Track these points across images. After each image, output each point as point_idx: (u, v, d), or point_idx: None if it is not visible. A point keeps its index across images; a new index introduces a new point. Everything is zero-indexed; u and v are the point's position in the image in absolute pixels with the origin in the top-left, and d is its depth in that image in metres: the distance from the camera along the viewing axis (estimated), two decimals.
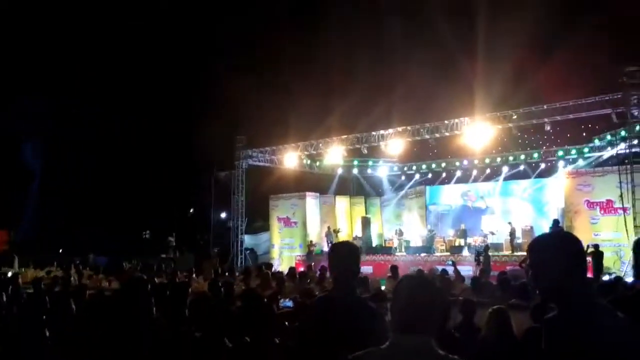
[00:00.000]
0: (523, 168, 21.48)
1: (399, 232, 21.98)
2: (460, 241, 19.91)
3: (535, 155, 21.10)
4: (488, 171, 22.33)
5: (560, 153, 20.31)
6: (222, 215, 27.09)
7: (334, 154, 20.61)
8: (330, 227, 22.25)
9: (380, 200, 25.63)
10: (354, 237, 22.78)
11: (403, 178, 24.96)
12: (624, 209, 15.30)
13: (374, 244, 22.28)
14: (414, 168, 24.33)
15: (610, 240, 15.98)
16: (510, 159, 21.60)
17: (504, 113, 16.86)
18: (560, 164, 20.44)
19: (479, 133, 17.29)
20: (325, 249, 20.21)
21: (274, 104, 22.57)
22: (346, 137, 19.90)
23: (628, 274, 13.47)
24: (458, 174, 23.23)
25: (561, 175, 19.60)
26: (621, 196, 15.30)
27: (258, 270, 10.41)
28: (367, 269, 18.16)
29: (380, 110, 19.61)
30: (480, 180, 22.64)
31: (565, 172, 19.28)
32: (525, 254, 14.36)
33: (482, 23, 17.89)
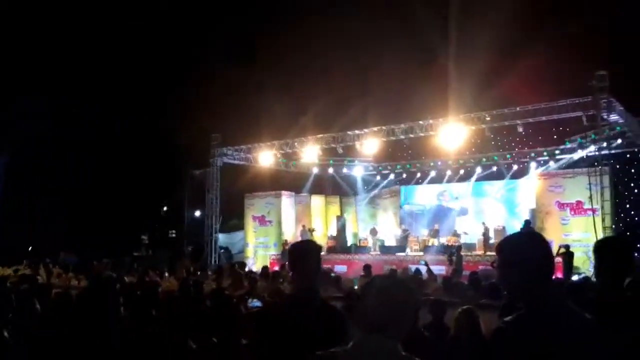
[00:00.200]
0: (496, 169, 21.75)
1: (374, 232, 22.08)
2: (434, 241, 20.08)
3: (508, 156, 21.38)
4: (462, 172, 22.57)
5: (532, 155, 20.63)
6: (197, 213, 26.83)
7: (310, 153, 20.55)
8: (306, 226, 22.23)
9: (355, 200, 25.70)
10: (328, 236, 22.84)
11: (378, 178, 25.08)
12: (593, 210, 15.60)
13: (348, 243, 22.36)
14: (389, 168, 24.47)
15: (580, 240, 16.29)
16: (484, 160, 21.88)
17: (478, 114, 17.04)
18: (532, 166, 20.76)
19: (453, 134, 17.42)
20: None
21: (249, 102, 22.44)
22: (322, 137, 19.87)
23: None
24: (432, 175, 23.40)
25: (533, 176, 19.94)
26: (590, 197, 15.61)
27: (231, 269, 10.34)
28: (342, 268, 18.25)
29: (355, 110, 19.64)
30: (455, 181, 22.86)
31: (536, 174, 19.63)
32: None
33: (456, 25, 18.04)
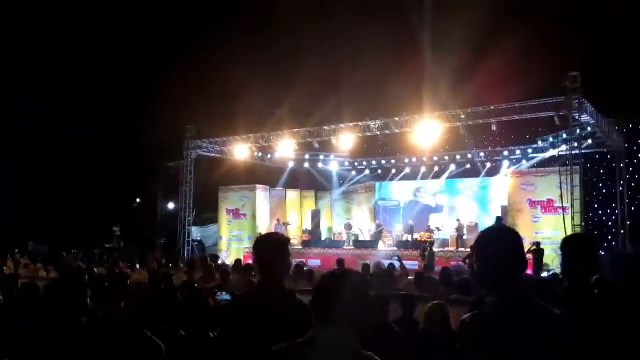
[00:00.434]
0: (470, 167, 22.01)
1: (348, 227, 22.17)
2: (408, 237, 20.25)
3: (482, 154, 21.63)
4: (436, 169, 22.78)
5: (505, 153, 20.92)
6: (171, 206, 26.56)
7: (285, 147, 20.50)
8: (280, 220, 22.21)
9: (330, 195, 25.76)
10: (303, 231, 22.86)
11: (354, 173, 25.18)
12: (564, 209, 15.90)
13: (323, 238, 22.42)
14: (364, 164, 24.59)
15: (550, 238, 16.56)
16: (458, 157, 22.11)
17: (453, 112, 17.19)
18: (505, 164, 21.05)
19: (428, 131, 17.54)
20: None
21: (225, 95, 22.20)
22: (297, 131, 19.82)
23: None
24: (407, 171, 23.56)
25: (506, 174, 20.23)
26: (561, 196, 15.91)
27: (203, 262, 10.25)
28: (316, 262, 18.33)
29: (331, 105, 19.61)
30: (430, 178, 23.06)
31: (509, 172, 19.92)
32: (469, 250, 14.76)
33: (433, 22, 18.17)
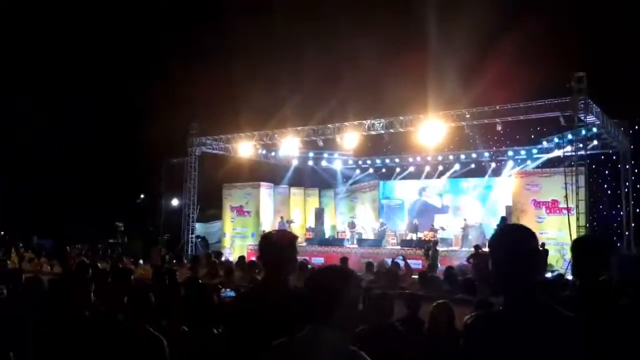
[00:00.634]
0: (474, 166, 21.93)
1: (352, 225, 22.13)
2: (412, 235, 20.20)
3: (486, 154, 21.54)
4: (440, 168, 22.69)
5: (510, 153, 20.83)
6: (175, 202, 26.58)
7: (290, 145, 20.47)
8: (284, 217, 22.20)
9: (334, 193, 25.72)
10: (307, 228, 22.84)
11: (358, 172, 25.11)
12: (569, 209, 15.82)
13: (326, 236, 22.39)
14: (369, 162, 24.51)
15: (554, 238, 16.52)
16: (462, 157, 22.03)
17: (457, 112, 17.12)
18: (510, 164, 20.97)
19: (432, 130, 17.48)
20: None
21: (229, 92, 22.18)
22: (302, 129, 19.77)
23: (569, 272, 13.94)
24: (411, 170, 23.50)
25: (510, 174, 20.14)
26: (566, 197, 15.82)
27: (207, 258, 10.26)
28: (319, 260, 18.29)
29: (336, 103, 19.59)
30: (435, 177, 22.97)
31: (514, 172, 19.84)
32: (473, 250, 14.73)
33: (438, 22, 18.11)
